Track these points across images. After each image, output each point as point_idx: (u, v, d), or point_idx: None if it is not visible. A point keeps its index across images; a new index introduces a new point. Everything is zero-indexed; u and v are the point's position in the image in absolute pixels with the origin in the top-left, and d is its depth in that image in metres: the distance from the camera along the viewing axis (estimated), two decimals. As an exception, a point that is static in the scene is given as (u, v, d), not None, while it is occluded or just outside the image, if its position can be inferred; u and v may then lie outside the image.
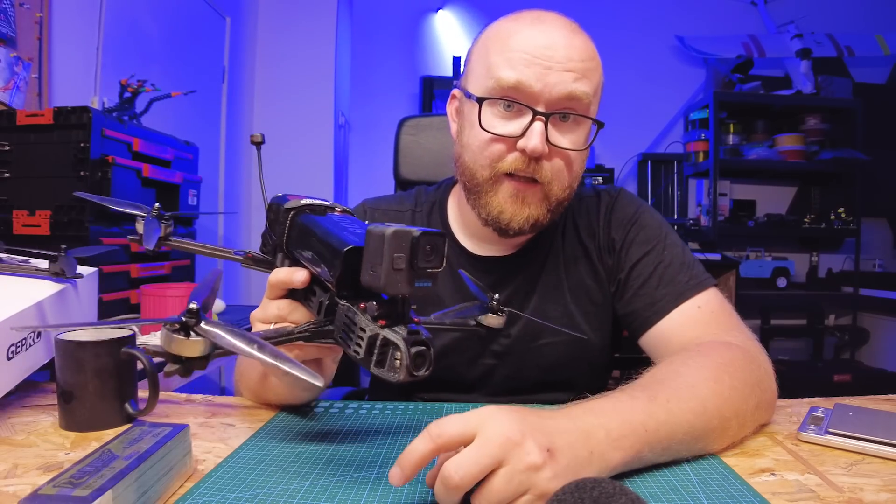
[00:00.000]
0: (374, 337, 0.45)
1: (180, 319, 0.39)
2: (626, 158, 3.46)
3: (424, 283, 0.44)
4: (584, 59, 0.71)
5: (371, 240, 0.43)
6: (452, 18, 3.52)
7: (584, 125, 0.73)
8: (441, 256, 0.45)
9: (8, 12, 1.46)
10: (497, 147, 0.72)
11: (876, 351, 3.34)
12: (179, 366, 0.40)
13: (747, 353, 0.66)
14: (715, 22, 3.48)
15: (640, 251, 0.81)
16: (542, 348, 0.83)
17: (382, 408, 0.71)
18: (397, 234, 0.42)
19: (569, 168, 0.74)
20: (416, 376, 0.44)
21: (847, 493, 0.49)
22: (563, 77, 0.69)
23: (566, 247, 0.85)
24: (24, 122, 1.34)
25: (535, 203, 0.74)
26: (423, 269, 0.43)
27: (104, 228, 1.37)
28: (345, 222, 0.53)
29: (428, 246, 0.44)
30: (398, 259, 0.42)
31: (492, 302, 0.64)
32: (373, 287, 0.44)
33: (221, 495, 0.48)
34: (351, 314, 0.47)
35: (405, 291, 0.43)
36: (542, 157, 0.71)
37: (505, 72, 0.70)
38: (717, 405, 0.56)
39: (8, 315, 0.64)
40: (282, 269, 0.56)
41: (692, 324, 0.74)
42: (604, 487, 0.38)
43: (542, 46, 0.69)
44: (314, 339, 0.52)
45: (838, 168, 3.10)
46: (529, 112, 0.70)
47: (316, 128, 3.00)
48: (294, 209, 0.56)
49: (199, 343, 0.39)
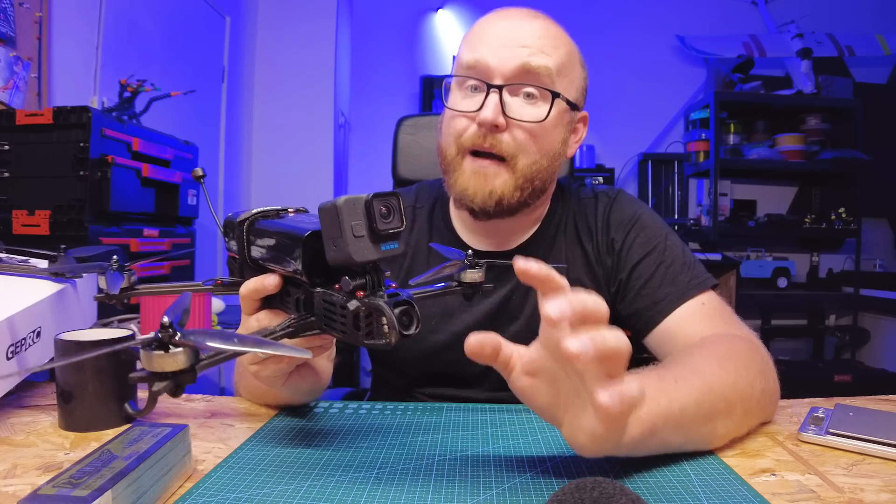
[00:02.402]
0: (356, 311, 0.44)
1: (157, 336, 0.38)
2: (627, 158, 3.46)
3: (391, 246, 0.44)
4: (542, 37, 0.74)
5: (325, 215, 0.43)
6: (452, 18, 3.52)
7: (548, 100, 0.74)
8: (400, 216, 0.44)
9: (7, 12, 1.46)
10: (460, 122, 0.75)
11: (876, 351, 3.34)
12: (166, 382, 0.38)
13: (752, 343, 0.67)
14: (715, 22, 3.48)
15: (641, 252, 0.81)
16: None
17: (382, 408, 0.71)
18: (349, 202, 0.42)
19: (534, 140, 0.74)
20: (408, 335, 0.44)
21: (847, 493, 0.48)
22: (517, 52, 0.72)
23: (566, 246, 0.85)
24: (24, 122, 1.33)
25: (499, 178, 0.74)
26: (384, 231, 0.43)
27: (104, 228, 1.37)
28: (299, 218, 0.53)
29: (383, 207, 0.43)
30: (357, 226, 0.42)
31: (467, 259, 0.63)
32: (340, 261, 0.43)
33: (221, 496, 0.48)
34: (328, 297, 0.47)
35: (373, 256, 0.43)
36: (499, 129, 0.72)
37: (466, 54, 0.75)
38: (723, 387, 0.57)
39: (8, 315, 0.64)
40: (250, 280, 0.55)
41: (697, 320, 0.75)
42: (604, 488, 0.38)
43: (500, 28, 0.74)
44: (298, 334, 0.51)
45: (839, 168, 3.09)
46: (486, 88, 0.72)
47: (316, 127, 3.00)
48: (247, 219, 0.55)
49: (180, 354, 0.38)
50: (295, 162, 3.01)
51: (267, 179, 3.07)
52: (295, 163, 3.01)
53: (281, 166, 3.04)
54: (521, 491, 0.49)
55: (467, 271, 0.62)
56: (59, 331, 0.66)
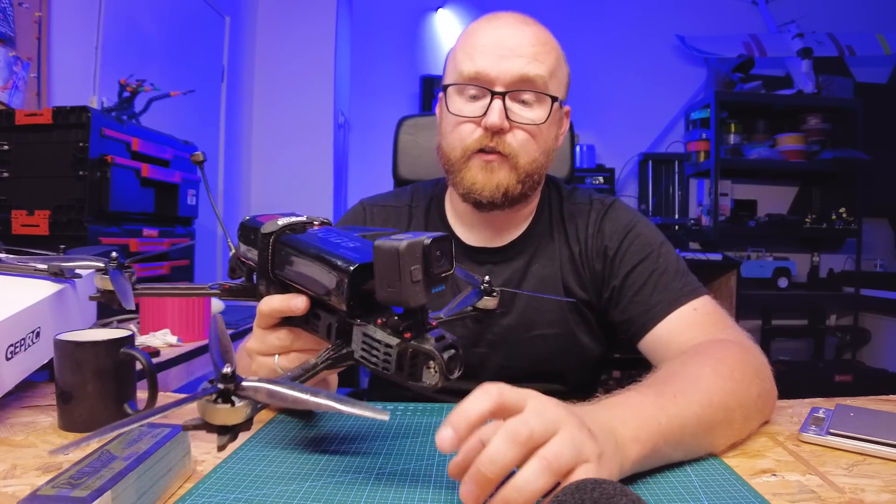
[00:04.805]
0: (403, 351, 0.45)
1: (217, 388, 0.36)
2: (627, 158, 3.46)
3: (439, 288, 0.45)
4: (535, 45, 0.79)
5: (382, 256, 0.43)
6: (452, 18, 3.52)
7: (545, 103, 0.80)
8: (451, 259, 0.45)
9: (7, 12, 1.46)
10: (465, 127, 0.80)
11: (877, 351, 3.34)
12: (228, 435, 0.37)
13: (742, 346, 0.68)
14: (716, 21, 3.48)
15: (634, 259, 0.83)
16: (534, 339, 0.86)
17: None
18: (411, 247, 0.42)
19: (533, 139, 0.80)
20: (452, 378, 0.44)
21: (848, 493, 0.48)
22: (514, 62, 0.77)
23: (556, 245, 0.88)
24: (23, 122, 1.34)
25: (503, 171, 0.80)
26: (437, 276, 0.44)
27: (103, 228, 1.37)
28: (331, 237, 0.52)
29: (438, 252, 0.44)
30: (415, 271, 0.42)
31: (483, 285, 0.65)
32: (391, 302, 0.43)
33: (220, 496, 0.48)
34: (370, 332, 0.46)
35: (425, 300, 0.44)
36: (503, 131, 0.78)
37: (466, 65, 0.79)
38: (721, 397, 0.57)
39: (7, 315, 0.64)
40: (274, 298, 0.53)
41: (688, 326, 0.76)
42: (604, 488, 0.38)
43: (495, 38, 0.79)
44: (336, 366, 0.50)
45: (839, 168, 3.09)
46: (489, 94, 0.78)
47: (315, 127, 3.00)
48: (273, 232, 0.52)
49: (244, 407, 0.36)
50: (295, 162, 3.01)
51: (267, 179, 3.07)
52: (295, 163, 3.01)
53: (281, 166, 3.04)
54: (521, 491, 0.49)
55: (485, 299, 0.65)
56: (59, 331, 0.65)
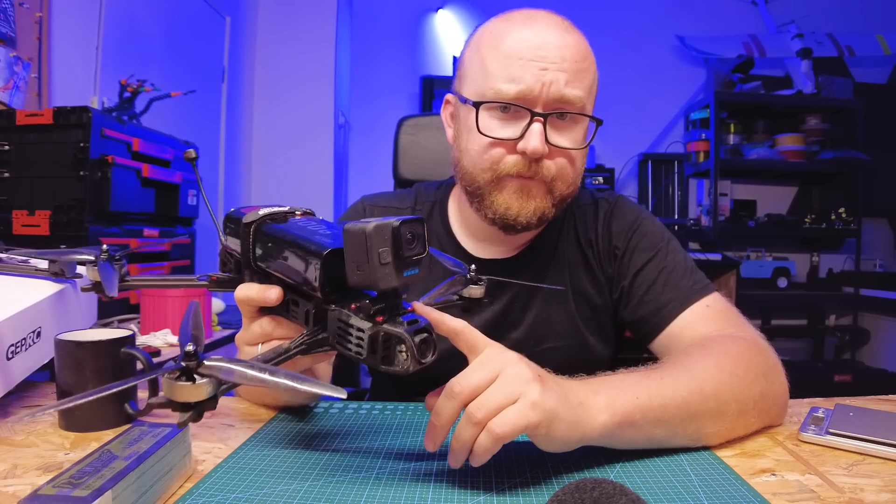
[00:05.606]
0: (375, 335, 0.44)
1: (180, 365, 0.37)
2: (627, 158, 3.46)
3: (412, 272, 0.44)
4: (578, 60, 0.71)
5: (351, 238, 0.43)
6: (452, 18, 3.52)
7: (582, 123, 0.74)
8: (423, 242, 0.44)
9: (7, 12, 1.46)
10: (497, 151, 0.72)
11: (876, 351, 3.34)
12: (191, 412, 0.37)
13: (756, 345, 0.66)
14: (715, 21, 3.48)
15: (642, 258, 0.81)
16: (544, 352, 0.82)
17: (382, 408, 0.71)
18: (378, 229, 0.42)
19: (571, 165, 0.74)
20: (424, 363, 0.44)
21: (848, 493, 0.48)
22: (557, 77, 0.69)
23: (567, 252, 0.85)
24: (24, 122, 1.34)
25: (539, 196, 0.74)
26: (408, 258, 0.43)
27: (104, 228, 1.37)
28: (310, 225, 0.52)
29: (409, 234, 0.43)
30: (383, 253, 0.42)
31: (470, 273, 0.64)
32: (362, 286, 0.43)
33: (221, 496, 0.48)
34: (344, 317, 0.46)
35: (396, 283, 0.43)
36: (542, 157, 0.71)
37: (504, 84, 0.70)
38: (715, 387, 0.57)
39: (8, 315, 0.64)
40: (250, 286, 0.53)
41: (702, 322, 0.74)
42: (604, 488, 0.38)
43: (535, 48, 0.69)
44: (311, 351, 0.50)
45: (839, 168, 3.09)
46: (527, 114, 0.70)
47: (316, 127, 3.00)
48: (254, 222, 0.53)
49: (206, 385, 0.37)
50: (295, 162, 3.01)
51: (267, 179, 3.07)
52: (295, 163, 3.01)
53: (281, 166, 3.04)
54: (521, 491, 0.49)
55: (471, 287, 0.63)
56: (59, 331, 0.65)
